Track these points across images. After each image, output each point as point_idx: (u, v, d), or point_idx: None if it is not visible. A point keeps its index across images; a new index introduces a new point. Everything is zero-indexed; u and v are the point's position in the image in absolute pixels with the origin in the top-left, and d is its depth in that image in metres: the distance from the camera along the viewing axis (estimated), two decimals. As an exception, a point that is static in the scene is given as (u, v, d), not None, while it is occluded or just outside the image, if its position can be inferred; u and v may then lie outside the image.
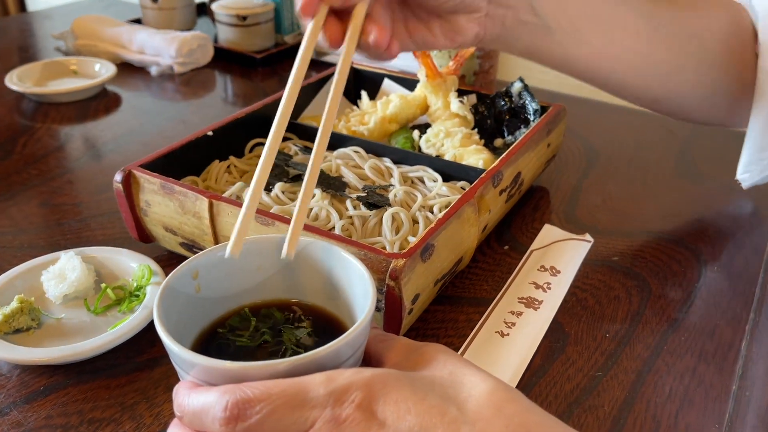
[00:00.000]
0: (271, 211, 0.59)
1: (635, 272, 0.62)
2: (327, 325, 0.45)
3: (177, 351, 0.37)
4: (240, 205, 0.54)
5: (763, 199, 0.75)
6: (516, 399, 0.35)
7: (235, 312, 0.46)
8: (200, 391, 0.36)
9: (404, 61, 1.03)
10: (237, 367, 0.35)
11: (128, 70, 1.06)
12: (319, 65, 1.10)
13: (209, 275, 0.45)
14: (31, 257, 0.60)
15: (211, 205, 0.56)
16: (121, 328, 0.51)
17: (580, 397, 0.49)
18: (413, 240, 0.56)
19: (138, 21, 1.21)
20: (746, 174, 0.68)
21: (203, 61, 1.07)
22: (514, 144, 0.65)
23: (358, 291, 0.43)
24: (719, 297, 0.60)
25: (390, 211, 0.59)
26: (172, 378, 0.50)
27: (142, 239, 0.63)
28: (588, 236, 0.67)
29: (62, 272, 0.56)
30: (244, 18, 1.07)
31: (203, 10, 1.27)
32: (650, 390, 0.50)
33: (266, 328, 0.44)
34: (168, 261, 0.62)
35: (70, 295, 0.56)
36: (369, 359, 0.39)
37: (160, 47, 1.04)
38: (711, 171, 0.81)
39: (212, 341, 0.43)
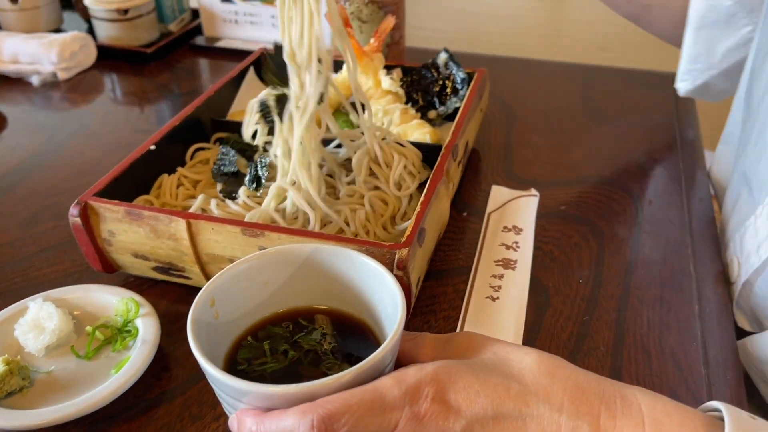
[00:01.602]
0: (246, 219, 0.58)
1: (584, 218, 0.68)
2: (343, 323, 0.46)
3: (237, 385, 0.37)
4: (217, 220, 0.53)
5: (666, 131, 0.83)
6: (561, 364, 0.38)
7: (239, 342, 0.45)
8: (275, 415, 0.36)
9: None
10: (306, 387, 0.36)
11: (2, 82, 0.97)
12: (237, 55, 1.06)
13: (224, 299, 0.45)
14: (-13, 312, 0.55)
15: (189, 225, 0.54)
16: (128, 369, 0.49)
17: (577, 343, 0.54)
18: (404, 225, 0.58)
19: (-6, 25, 1.09)
20: (682, 83, 0.76)
21: (87, 63, 1.00)
22: (459, 115, 0.68)
23: (377, 290, 0.44)
24: (659, 227, 0.67)
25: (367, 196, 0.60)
26: (194, 407, 0.50)
27: (107, 270, 0.60)
28: (533, 191, 0.72)
29: (37, 322, 0.52)
30: (126, 11, 1.00)
31: (68, 5, 1.16)
32: (633, 324, 0.56)
33: (285, 347, 0.44)
34: (138, 288, 0.60)
35: (52, 344, 0.52)
36: (401, 358, 0.41)
37: (38, 53, 0.95)
38: (614, 112, 0.88)
39: (238, 368, 0.43)
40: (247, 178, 0.61)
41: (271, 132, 0.63)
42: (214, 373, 0.38)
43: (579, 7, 1.45)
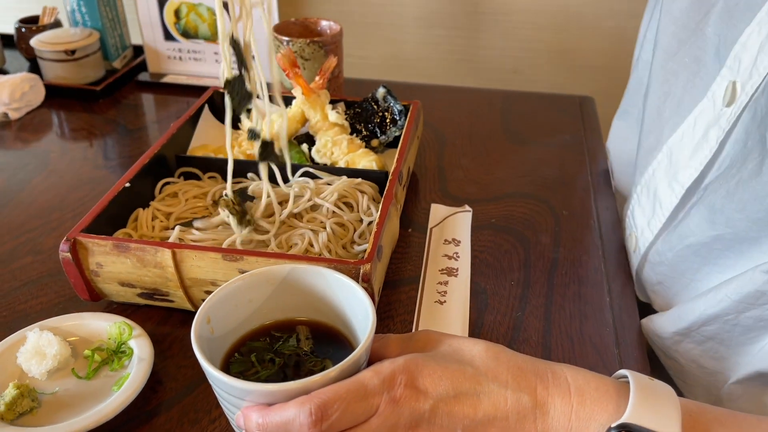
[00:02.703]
0: (224, 246, 0.65)
1: (511, 228, 0.79)
2: (320, 332, 0.55)
3: (243, 386, 0.45)
4: (199, 248, 0.61)
5: (575, 149, 0.96)
6: (503, 350, 0.48)
7: (230, 354, 0.52)
8: (277, 408, 0.44)
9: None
10: (300, 384, 0.44)
11: (-49, 124, 0.99)
12: (183, 89, 1.12)
13: (217, 316, 0.52)
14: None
15: (174, 254, 0.61)
16: (129, 384, 0.55)
17: (513, 335, 0.65)
18: (363, 246, 0.67)
19: (-66, 66, 1.11)
20: None
21: (36, 102, 1.04)
22: (401, 145, 0.77)
23: (348, 301, 0.53)
24: (575, 233, 0.79)
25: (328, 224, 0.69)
26: (190, 413, 0.56)
27: (93, 299, 0.65)
28: (467, 207, 0.82)
29: (39, 349, 0.58)
30: (73, 52, 1.04)
31: (9, 44, 1.19)
32: (557, 316, 0.67)
33: (270, 356, 0.52)
34: (123, 313, 0.65)
35: (53, 369, 0.58)
36: (372, 356, 0.50)
37: (-12, 95, 0.98)
38: (529, 133, 1.00)
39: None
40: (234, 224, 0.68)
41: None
42: (221, 378, 0.45)
43: (491, 34, 1.58)
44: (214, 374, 0.45)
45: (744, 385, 0.60)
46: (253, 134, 0.65)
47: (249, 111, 0.68)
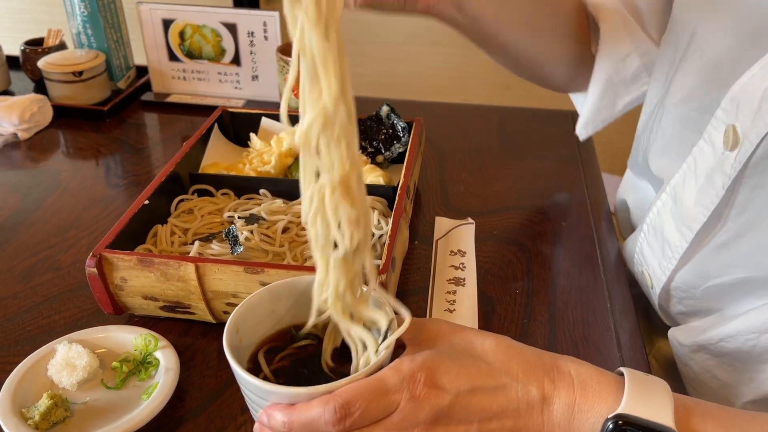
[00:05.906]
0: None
1: (513, 239, 0.83)
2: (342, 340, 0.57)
3: (282, 392, 0.47)
4: (222, 262, 0.63)
5: (571, 162, 1.00)
6: (512, 344, 0.51)
7: (253, 358, 0.55)
8: (301, 407, 0.46)
9: (263, 90, 1.13)
10: (328, 387, 0.47)
11: (-39, 144, 1.01)
12: (187, 108, 1.15)
13: (244, 326, 0.55)
14: (11, 357, 0.62)
15: (197, 268, 0.63)
16: (158, 393, 0.58)
17: (520, 341, 0.67)
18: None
19: (-59, 88, 1.13)
20: (583, 130, 0.86)
21: (44, 122, 1.06)
22: (407, 161, 0.80)
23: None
24: (574, 243, 0.82)
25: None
26: (217, 420, 0.59)
27: (116, 312, 0.68)
28: (470, 219, 0.85)
29: (69, 361, 0.60)
30: (80, 73, 1.07)
31: (15, 65, 1.21)
32: (561, 323, 0.70)
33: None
34: (144, 325, 0.68)
35: (83, 380, 0.60)
36: None
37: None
38: (525, 148, 1.04)
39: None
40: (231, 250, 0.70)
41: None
42: (255, 382, 0.48)
43: (483, 51, 1.63)
44: (249, 380, 0.48)
45: (759, 406, 0.61)
46: None
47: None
